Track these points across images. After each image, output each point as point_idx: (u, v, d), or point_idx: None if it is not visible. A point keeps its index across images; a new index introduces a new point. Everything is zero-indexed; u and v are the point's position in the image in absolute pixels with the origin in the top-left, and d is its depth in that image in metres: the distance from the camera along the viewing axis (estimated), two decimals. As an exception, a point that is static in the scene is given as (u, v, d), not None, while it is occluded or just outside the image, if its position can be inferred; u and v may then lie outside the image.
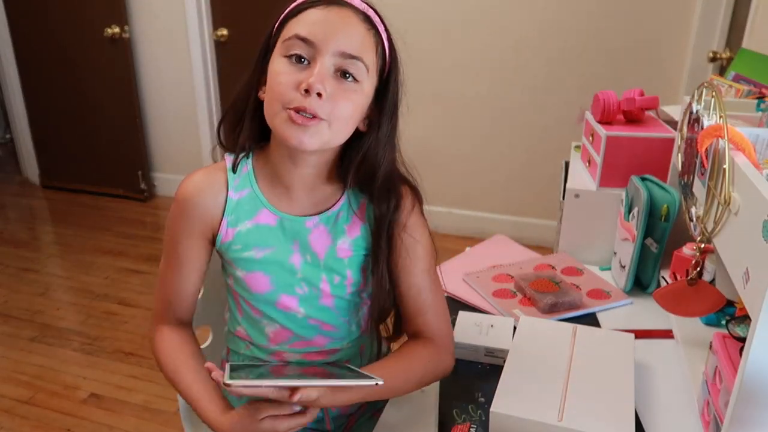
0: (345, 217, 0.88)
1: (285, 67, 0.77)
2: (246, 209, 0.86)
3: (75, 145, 3.68)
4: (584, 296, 1.12)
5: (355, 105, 0.79)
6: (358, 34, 0.77)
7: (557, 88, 2.81)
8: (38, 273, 2.84)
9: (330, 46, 0.75)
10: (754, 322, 0.59)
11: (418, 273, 0.89)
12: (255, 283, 0.88)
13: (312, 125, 0.76)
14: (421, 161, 0.99)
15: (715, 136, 0.77)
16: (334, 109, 0.76)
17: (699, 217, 0.82)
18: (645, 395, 0.87)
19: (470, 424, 0.82)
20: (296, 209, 0.87)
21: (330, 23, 0.76)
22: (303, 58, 0.76)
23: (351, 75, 0.77)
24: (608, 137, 1.23)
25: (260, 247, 0.86)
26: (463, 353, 0.96)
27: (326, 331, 0.92)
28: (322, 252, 0.87)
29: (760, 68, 1.35)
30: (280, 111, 0.76)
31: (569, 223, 1.29)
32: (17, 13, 3.52)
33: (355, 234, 0.88)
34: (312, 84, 0.73)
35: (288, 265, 0.87)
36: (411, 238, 0.88)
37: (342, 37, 0.76)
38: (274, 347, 0.93)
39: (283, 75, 0.76)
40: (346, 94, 0.77)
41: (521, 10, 2.74)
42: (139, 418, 1.91)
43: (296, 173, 0.85)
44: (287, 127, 0.76)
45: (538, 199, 2.98)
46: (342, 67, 0.76)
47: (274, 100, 0.77)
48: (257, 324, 0.92)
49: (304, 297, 0.89)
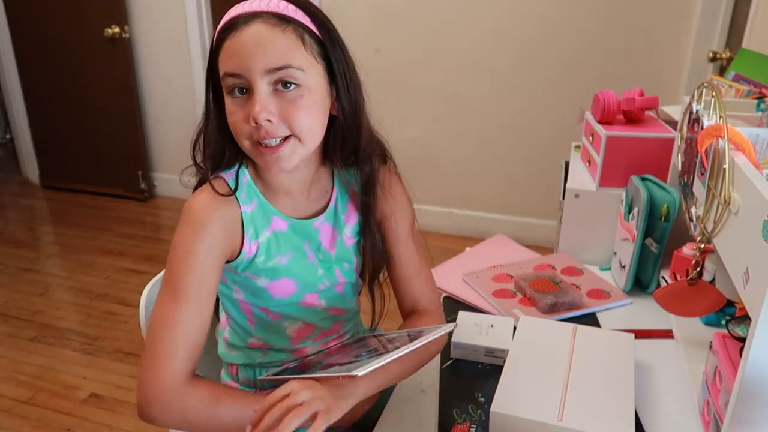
0: (342, 208, 0.92)
1: (231, 105, 0.78)
2: (260, 219, 0.86)
3: (75, 145, 3.69)
4: (584, 296, 1.12)
5: (310, 107, 0.78)
6: (277, 43, 0.75)
7: (557, 88, 2.81)
8: (38, 273, 2.84)
9: (256, 70, 0.75)
10: (754, 322, 0.59)
11: (400, 231, 0.93)
12: (279, 289, 0.88)
13: (281, 149, 0.77)
14: (421, 161, 1.00)
15: (715, 136, 0.77)
16: (293, 124, 0.77)
17: (699, 217, 0.82)
18: (645, 395, 0.87)
19: (470, 424, 0.82)
20: (300, 212, 0.89)
21: (245, 49, 0.75)
22: (241, 88, 0.77)
23: (290, 82, 0.76)
24: (608, 137, 1.23)
25: (282, 253, 0.87)
26: (463, 353, 0.96)
27: (340, 316, 0.96)
28: (331, 247, 0.91)
29: (760, 68, 1.35)
30: (247, 145, 0.79)
31: (569, 223, 1.29)
32: (17, 13, 3.52)
33: (353, 221, 0.93)
34: (256, 115, 0.75)
35: (308, 265, 0.89)
36: (391, 197, 0.92)
37: (261, 56, 0.74)
38: (296, 345, 0.94)
39: (233, 114, 0.78)
40: (295, 104, 0.77)
41: (522, 10, 2.74)
42: (139, 418, 1.91)
43: (291, 179, 0.87)
44: (261, 159, 0.79)
45: (538, 199, 2.98)
46: (278, 80, 0.76)
47: (239, 136, 0.79)
48: (276, 328, 0.92)
49: (325, 290, 0.92)
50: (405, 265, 0.94)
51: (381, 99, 0.98)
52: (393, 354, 0.68)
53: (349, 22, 3.38)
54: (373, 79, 0.94)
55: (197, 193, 0.83)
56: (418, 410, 0.86)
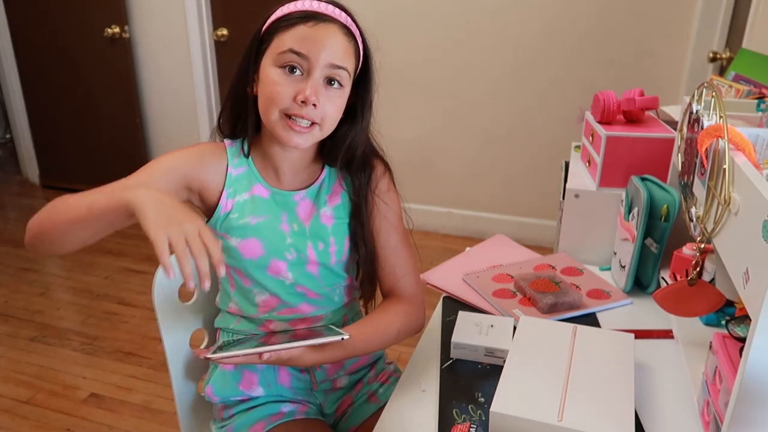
0: (326, 188, 1.01)
1: (281, 77, 0.88)
2: (243, 183, 0.96)
3: (75, 145, 3.69)
4: (584, 296, 1.12)
5: (339, 105, 0.92)
6: (343, 47, 0.89)
7: (557, 89, 2.81)
8: (38, 273, 2.84)
9: (321, 60, 0.87)
10: (754, 322, 0.59)
11: (391, 234, 1.02)
12: (248, 249, 0.95)
13: (306, 131, 0.89)
14: (421, 161, 1.03)
15: (715, 136, 0.77)
16: (324, 113, 0.89)
17: (699, 217, 0.82)
18: (645, 395, 0.87)
19: (470, 424, 0.82)
20: (284, 186, 0.99)
21: (319, 39, 0.87)
22: (296, 68, 0.87)
23: (337, 81, 0.90)
24: (608, 137, 1.23)
25: (255, 215, 0.96)
26: (463, 353, 0.96)
27: (311, 298, 1.01)
28: (307, 220, 0.99)
29: (760, 68, 1.35)
30: (277, 115, 0.89)
31: (569, 223, 1.29)
32: (17, 13, 3.52)
33: (336, 202, 1.01)
34: (308, 97, 0.86)
35: (278, 231, 0.97)
36: (384, 204, 1.02)
37: (330, 50, 0.87)
38: (263, 316, 1.00)
39: (280, 85, 0.87)
40: (333, 99, 0.90)
41: (522, 10, 2.74)
42: (139, 418, 1.91)
43: (286, 158, 0.97)
44: (284, 131, 0.89)
45: (538, 199, 2.98)
46: (330, 76, 0.89)
47: (272, 105, 0.88)
48: (248, 294, 1.00)
49: (293, 262, 0.98)
50: (393, 268, 1.02)
51: (381, 99, 1.01)
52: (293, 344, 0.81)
53: (349, 22, 3.26)
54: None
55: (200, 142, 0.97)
56: (418, 410, 0.86)
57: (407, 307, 1.00)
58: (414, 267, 1.03)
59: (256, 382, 1.02)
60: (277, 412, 1.01)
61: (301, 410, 1.02)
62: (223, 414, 1.04)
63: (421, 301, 1.02)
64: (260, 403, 1.02)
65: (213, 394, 1.03)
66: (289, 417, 1.00)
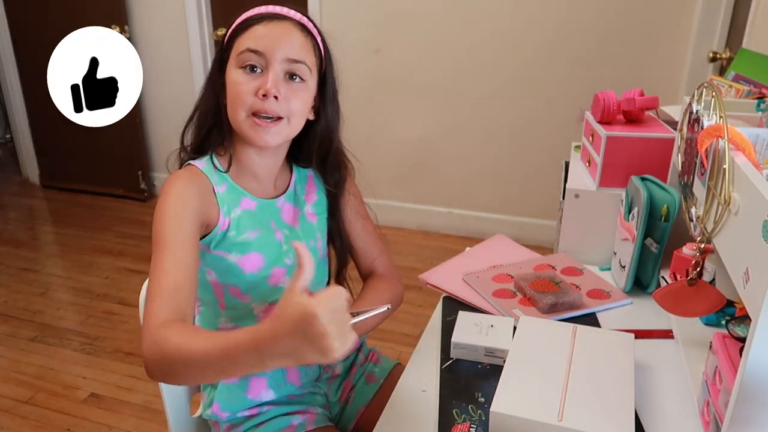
0: (301, 189, 1.05)
1: (242, 77, 0.89)
2: (231, 199, 0.95)
3: (75, 145, 3.69)
4: (584, 296, 1.12)
5: (304, 100, 0.93)
6: (299, 42, 0.91)
7: (557, 89, 2.81)
8: (38, 273, 2.84)
9: (278, 55, 0.89)
10: (754, 322, 0.59)
11: (363, 224, 1.10)
12: (250, 263, 0.95)
13: (273, 126, 0.90)
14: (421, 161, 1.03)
15: (715, 136, 0.77)
16: (289, 107, 0.90)
17: (699, 217, 0.82)
18: (645, 395, 0.87)
19: (470, 424, 0.82)
20: (266, 194, 1.00)
21: (275, 35, 0.89)
22: (256, 67, 0.89)
23: (298, 76, 0.91)
24: (608, 137, 1.23)
25: (251, 228, 0.96)
26: (463, 353, 0.96)
27: None
28: (294, 222, 1.02)
29: (760, 68, 1.35)
30: (243, 115, 0.90)
31: (569, 223, 1.29)
32: (17, 13, 3.52)
33: (314, 199, 1.06)
34: (269, 89, 0.87)
35: (275, 240, 0.98)
36: (353, 198, 1.08)
37: (286, 46, 0.89)
38: None
39: (242, 84, 0.89)
40: (297, 93, 0.91)
41: (521, 10, 2.74)
42: (139, 418, 1.91)
43: (262, 164, 0.98)
44: (253, 130, 0.90)
45: (538, 199, 2.98)
46: (290, 71, 0.90)
47: (237, 106, 0.90)
48: (245, 308, 0.99)
49: (292, 267, 0.99)
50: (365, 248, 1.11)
51: (381, 99, 1.01)
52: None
53: (349, 22, 3.41)
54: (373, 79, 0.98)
55: (174, 172, 0.94)
56: (418, 410, 0.86)
57: (389, 282, 1.09)
58: (385, 247, 1.14)
59: (265, 386, 1.00)
60: (287, 426, 0.99)
61: (310, 420, 1.01)
62: None
63: (397, 275, 1.13)
64: (269, 418, 1.00)
65: (220, 410, 0.99)
66: (300, 430, 0.99)
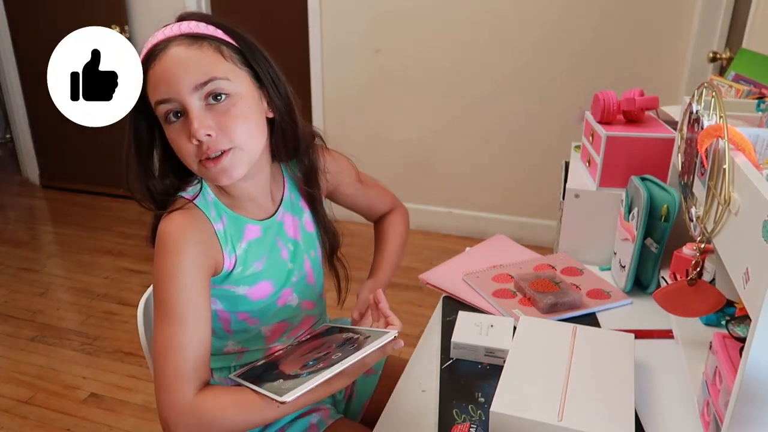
0: (296, 196, 0.99)
1: (172, 131, 0.80)
2: (233, 233, 0.88)
3: (75, 145, 3.69)
4: (584, 296, 1.12)
5: (245, 114, 0.81)
6: (195, 61, 0.78)
7: (557, 88, 2.81)
8: (38, 273, 2.84)
9: (183, 90, 0.77)
10: (754, 322, 0.59)
11: (355, 185, 1.09)
12: (258, 292, 0.91)
13: (223, 160, 0.79)
14: (421, 161, 1.02)
15: (715, 136, 0.77)
16: (232, 136, 0.79)
17: (699, 217, 0.82)
18: (645, 395, 0.87)
19: (470, 424, 0.82)
20: (266, 212, 0.94)
21: (168, 73, 0.77)
22: (178, 112, 0.79)
23: (219, 94, 0.79)
24: (608, 137, 1.23)
25: (258, 259, 0.91)
26: (463, 353, 0.96)
27: (308, 310, 1.02)
28: (296, 234, 0.98)
29: (760, 68, 1.35)
30: (196, 166, 0.81)
31: (569, 223, 1.29)
32: (17, 13, 3.52)
33: (308, 207, 1.01)
34: (195, 131, 0.77)
35: (281, 261, 0.95)
36: (335, 171, 1.03)
37: (184, 76, 0.77)
38: (270, 344, 0.98)
39: (176, 140, 0.80)
40: (230, 114, 0.79)
41: (521, 10, 2.74)
42: (139, 418, 1.91)
43: (252, 185, 0.90)
44: (210, 174, 0.81)
45: (538, 199, 2.98)
46: (208, 93, 0.78)
47: (186, 160, 0.81)
48: (252, 331, 0.96)
49: (297, 283, 0.97)
50: (369, 205, 1.15)
51: (381, 99, 1.00)
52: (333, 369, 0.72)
53: (349, 22, 3.42)
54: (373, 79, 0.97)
55: (168, 217, 0.82)
56: (418, 410, 0.86)
57: (396, 214, 1.18)
58: (383, 188, 1.17)
59: None
60: (308, 426, 0.98)
61: (325, 416, 1.00)
62: None
63: (399, 202, 1.20)
64: (289, 421, 0.98)
65: None
66: (322, 426, 0.98)
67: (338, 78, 3.06)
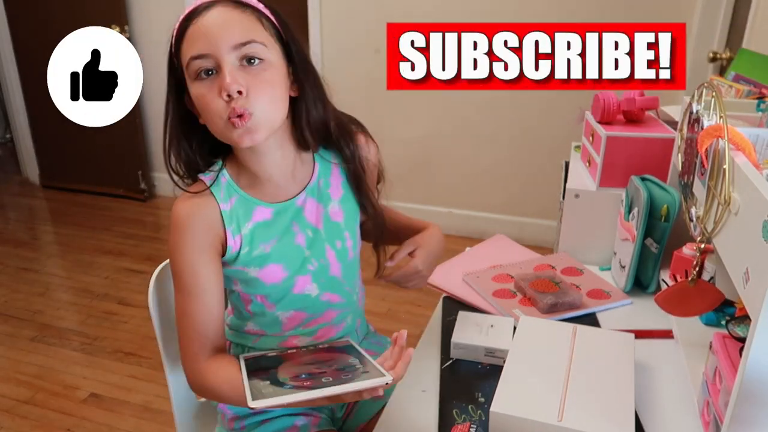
0: (325, 183, 0.96)
1: (201, 88, 0.82)
2: (240, 214, 0.90)
3: (75, 145, 3.68)
4: (584, 296, 1.12)
5: (273, 81, 0.83)
6: (238, 23, 0.81)
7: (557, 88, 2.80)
8: (38, 273, 2.84)
9: (222, 47, 0.80)
10: (754, 322, 0.59)
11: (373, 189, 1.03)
12: (270, 275, 0.92)
13: (251, 119, 0.81)
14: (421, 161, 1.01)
15: (715, 136, 0.77)
16: (258, 101, 0.81)
17: (699, 217, 0.82)
18: (645, 395, 0.87)
19: (470, 424, 0.82)
20: (283, 194, 0.93)
21: (211, 28, 0.80)
22: (210, 70, 0.81)
23: (255, 58, 0.81)
24: (608, 137, 1.23)
25: (266, 241, 0.91)
26: (463, 353, 0.96)
27: (335, 303, 0.98)
28: (318, 221, 0.95)
29: (760, 68, 1.35)
30: (222, 124, 0.82)
31: (569, 223, 1.29)
32: (17, 13, 3.52)
33: (339, 194, 0.97)
34: (228, 86, 0.79)
35: (295, 246, 0.93)
36: (372, 165, 1.01)
37: (226, 33, 0.80)
38: (287, 333, 0.98)
39: (204, 96, 0.82)
40: (261, 78, 0.82)
41: (521, 9, 2.74)
42: (139, 418, 1.91)
43: (268, 162, 0.90)
44: (233, 133, 0.82)
45: (538, 199, 2.98)
46: (244, 56, 0.81)
47: (213, 117, 0.82)
48: (270, 315, 0.96)
49: (316, 272, 0.94)
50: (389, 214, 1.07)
51: (381, 99, 1.00)
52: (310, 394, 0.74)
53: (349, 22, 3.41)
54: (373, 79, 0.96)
55: (179, 198, 0.90)
56: (418, 410, 0.86)
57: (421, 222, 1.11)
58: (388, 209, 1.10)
59: None
60: (291, 426, 0.98)
61: (314, 423, 1.00)
62: (234, 425, 1.01)
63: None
64: (275, 416, 0.99)
65: (228, 406, 1.00)
66: (304, 430, 0.98)
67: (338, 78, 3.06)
